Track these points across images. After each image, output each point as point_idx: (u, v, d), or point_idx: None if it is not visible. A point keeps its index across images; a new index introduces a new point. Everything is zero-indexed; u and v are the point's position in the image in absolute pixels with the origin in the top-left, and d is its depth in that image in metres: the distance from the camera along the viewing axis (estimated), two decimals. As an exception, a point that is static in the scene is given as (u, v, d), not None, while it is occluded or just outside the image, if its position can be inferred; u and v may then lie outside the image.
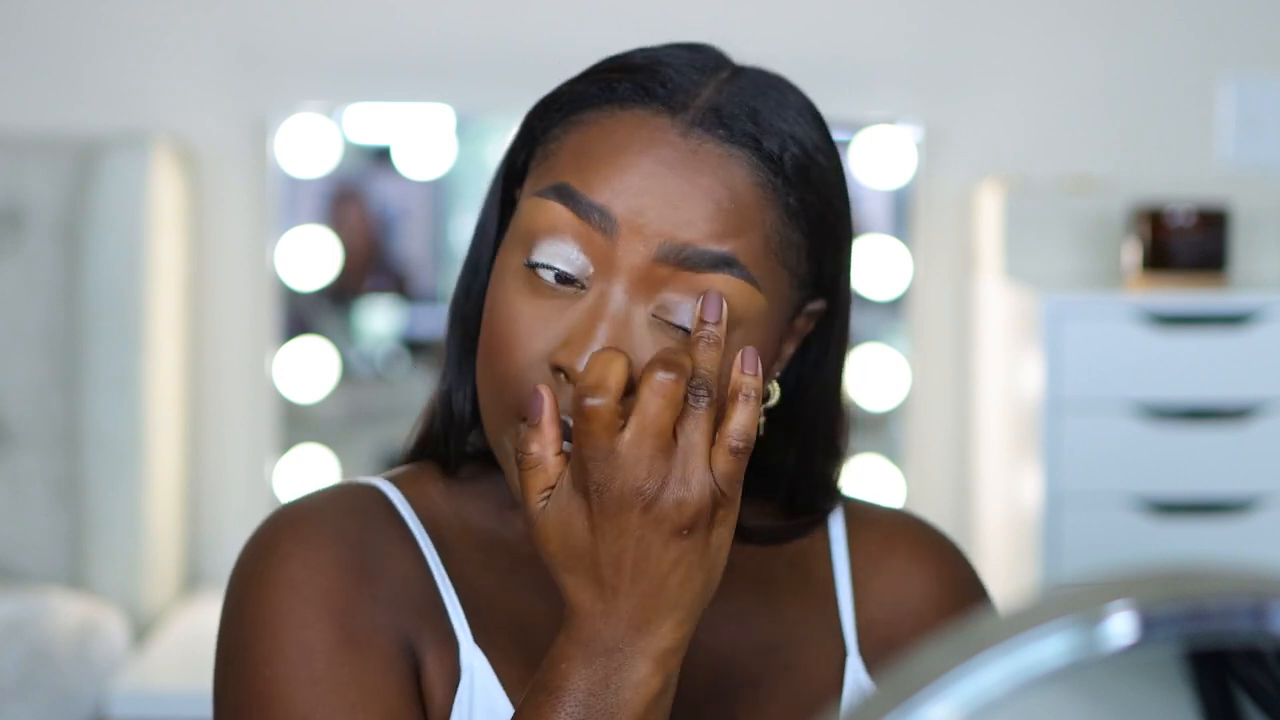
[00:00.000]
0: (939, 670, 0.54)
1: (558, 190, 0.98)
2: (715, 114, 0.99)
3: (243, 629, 1.01)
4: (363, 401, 2.66)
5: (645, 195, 0.97)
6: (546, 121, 1.03)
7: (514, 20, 2.64)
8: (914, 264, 2.64)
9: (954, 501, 2.68)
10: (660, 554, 0.91)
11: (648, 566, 0.91)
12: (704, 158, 0.98)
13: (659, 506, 0.91)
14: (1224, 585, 0.55)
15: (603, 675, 0.91)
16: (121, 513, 2.44)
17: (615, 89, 1.00)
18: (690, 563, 0.92)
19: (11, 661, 2.23)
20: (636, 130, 0.99)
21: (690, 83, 1.00)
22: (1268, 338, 2.30)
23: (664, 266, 0.97)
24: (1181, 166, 2.68)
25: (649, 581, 0.92)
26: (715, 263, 0.97)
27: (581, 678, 0.92)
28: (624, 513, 0.91)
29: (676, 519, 0.91)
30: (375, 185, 2.66)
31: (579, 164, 0.99)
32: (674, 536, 0.91)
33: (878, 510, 1.15)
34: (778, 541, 1.11)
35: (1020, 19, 2.67)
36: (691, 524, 0.91)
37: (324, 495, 1.06)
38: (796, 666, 1.07)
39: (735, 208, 0.98)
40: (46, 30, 2.61)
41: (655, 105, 0.99)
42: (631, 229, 0.97)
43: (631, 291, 0.97)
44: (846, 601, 1.10)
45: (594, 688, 0.91)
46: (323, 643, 0.99)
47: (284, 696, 0.98)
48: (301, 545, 1.01)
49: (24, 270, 2.46)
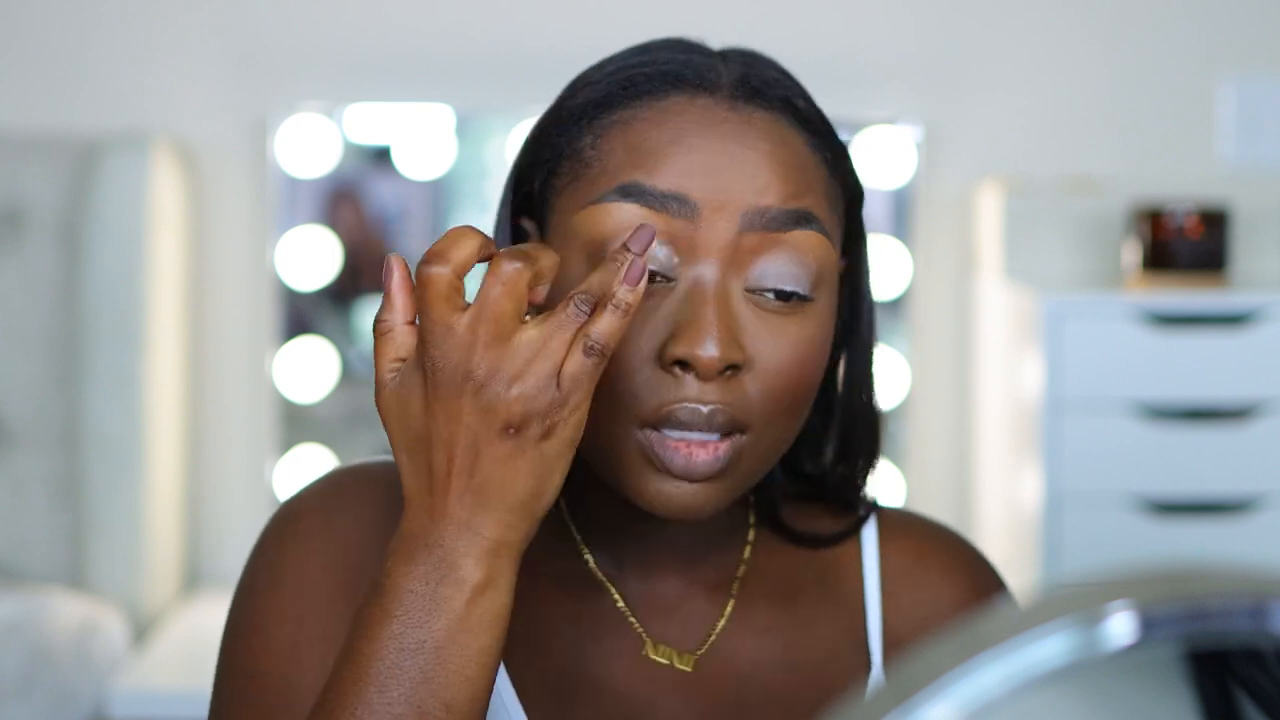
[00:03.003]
0: (939, 670, 0.54)
1: (624, 190, 0.97)
2: (747, 85, 1.00)
3: (252, 561, 1.04)
4: (363, 401, 2.66)
5: (718, 172, 0.97)
6: (565, 136, 1.02)
7: (514, 20, 2.64)
8: (914, 264, 2.64)
9: (954, 501, 2.68)
10: (489, 449, 0.89)
11: (478, 461, 0.89)
12: (757, 124, 0.99)
13: (486, 395, 0.88)
14: (1224, 585, 0.55)
15: (425, 572, 0.89)
16: (121, 513, 2.44)
17: (640, 84, 1.00)
18: (518, 465, 0.89)
19: (11, 661, 2.23)
20: (686, 113, 0.99)
21: (706, 64, 1.01)
22: (1268, 338, 2.30)
23: (750, 236, 0.97)
24: (1181, 166, 2.68)
25: (476, 476, 0.89)
26: (797, 219, 0.98)
27: (405, 575, 0.90)
28: (454, 396, 0.89)
29: (505, 414, 0.88)
30: (375, 185, 2.66)
31: (636, 160, 0.98)
32: (503, 432, 0.89)
33: (911, 521, 1.14)
34: (822, 546, 1.10)
35: (1020, 19, 2.67)
36: (520, 422, 0.88)
37: (354, 468, 1.07)
38: (821, 681, 1.06)
39: (799, 165, 0.99)
40: (46, 30, 2.61)
41: (690, 89, 1.00)
42: (713, 208, 0.97)
43: (724, 269, 0.97)
44: (875, 616, 1.09)
45: (416, 585, 0.89)
46: (321, 588, 1.00)
47: (269, 628, 1.00)
48: (327, 505, 1.04)
49: (24, 270, 2.46)
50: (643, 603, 1.05)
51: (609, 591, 1.05)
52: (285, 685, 0.99)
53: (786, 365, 0.98)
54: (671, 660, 1.04)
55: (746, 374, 0.97)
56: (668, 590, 1.06)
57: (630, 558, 1.06)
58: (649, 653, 1.04)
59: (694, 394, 0.95)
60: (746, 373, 0.97)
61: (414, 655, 0.88)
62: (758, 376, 0.97)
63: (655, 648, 1.04)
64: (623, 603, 1.05)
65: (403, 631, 0.89)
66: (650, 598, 1.06)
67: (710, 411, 0.96)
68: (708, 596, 1.06)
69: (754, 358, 0.97)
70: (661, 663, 1.04)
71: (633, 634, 1.04)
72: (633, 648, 1.04)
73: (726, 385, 0.96)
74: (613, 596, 1.05)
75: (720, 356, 0.95)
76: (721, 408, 0.96)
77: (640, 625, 1.05)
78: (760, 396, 0.97)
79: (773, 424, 0.98)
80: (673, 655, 1.04)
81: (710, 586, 1.07)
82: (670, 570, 1.06)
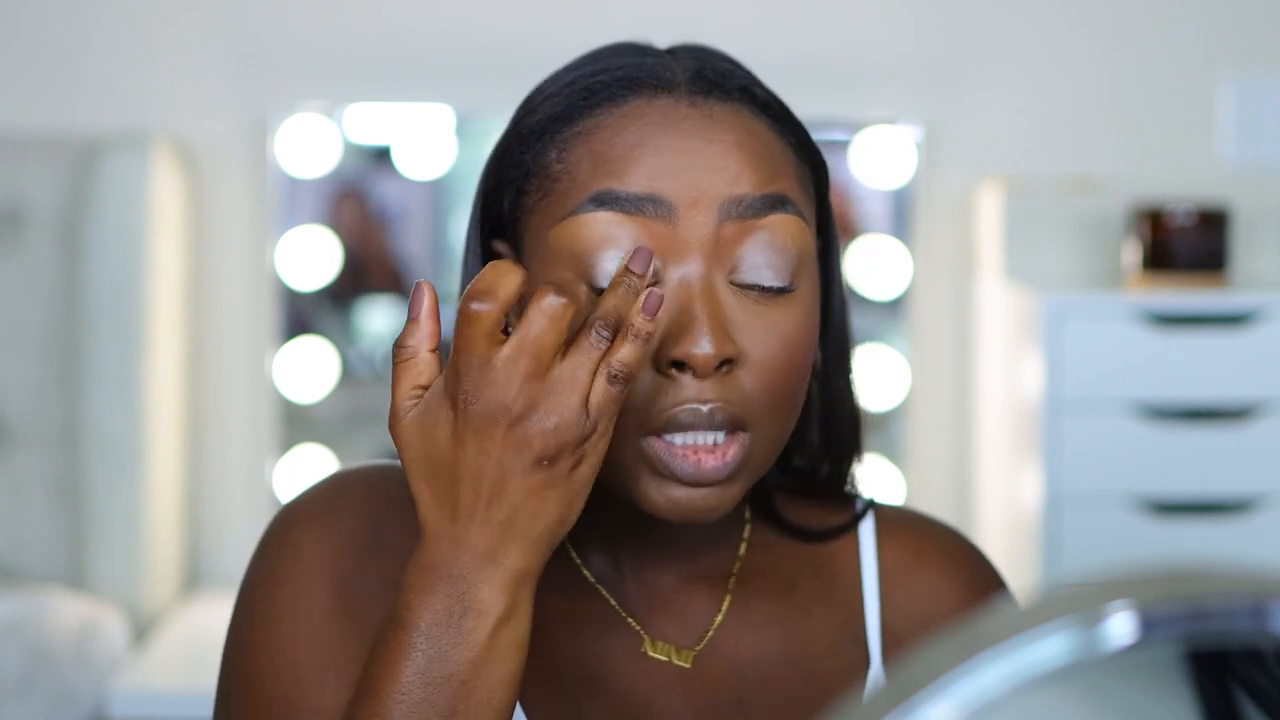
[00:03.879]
0: (939, 670, 0.54)
1: (597, 199, 0.97)
2: (703, 79, 1.01)
3: (248, 574, 1.04)
4: (363, 401, 2.66)
5: (688, 169, 0.98)
6: (530, 154, 1.01)
7: (514, 20, 2.64)
8: (914, 264, 2.64)
9: (954, 501, 2.68)
10: (519, 481, 0.89)
11: (505, 492, 0.89)
12: (719, 117, 0.99)
13: (522, 429, 0.89)
14: (1224, 585, 0.55)
15: (447, 604, 0.89)
16: (121, 513, 2.44)
17: (598, 92, 1.00)
18: (547, 495, 0.89)
19: (11, 661, 2.23)
20: (647, 116, 0.99)
21: (660, 64, 1.02)
22: (1268, 338, 2.30)
23: (728, 225, 0.97)
24: (1181, 166, 2.68)
25: (503, 508, 0.89)
26: (772, 204, 0.98)
27: (427, 607, 0.89)
28: (487, 429, 0.89)
29: (539, 446, 0.89)
30: (375, 185, 2.66)
31: (604, 168, 0.98)
32: (534, 465, 0.89)
33: (908, 517, 1.14)
34: (820, 539, 1.10)
35: (1020, 19, 2.67)
36: (554, 454, 0.89)
37: (353, 472, 1.07)
38: (819, 677, 1.06)
39: (767, 151, 1.00)
40: (46, 30, 2.61)
41: (648, 91, 1.00)
42: (688, 204, 0.97)
43: (708, 263, 0.97)
44: (873, 611, 1.09)
45: (438, 617, 0.89)
46: (316, 605, 1.00)
47: (268, 649, 1.00)
48: (322, 514, 1.03)
49: (24, 270, 2.46)
50: (641, 600, 1.05)
51: (603, 594, 1.05)
52: (285, 706, 0.99)
53: (779, 355, 0.98)
54: (670, 657, 1.04)
55: (740, 368, 0.97)
56: (665, 587, 1.06)
57: (628, 557, 1.06)
58: (647, 650, 1.04)
59: (693, 394, 0.96)
60: (740, 367, 0.97)
61: (440, 689, 0.89)
62: (752, 370, 0.97)
63: (653, 645, 1.04)
64: (619, 603, 1.05)
65: (427, 666, 0.89)
66: (648, 595, 1.06)
67: (710, 410, 0.96)
68: (705, 592, 1.07)
69: (746, 351, 0.97)
70: (660, 659, 1.04)
71: (631, 632, 1.04)
72: (631, 645, 1.04)
73: (723, 382, 0.96)
74: (607, 598, 1.05)
75: (715, 353, 0.95)
76: (721, 405, 0.96)
77: (638, 623, 1.05)
78: (757, 390, 0.97)
79: (772, 417, 0.98)
80: (671, 652, 1.04)
81: (708, 582, 1.07)
82: (668, 567, 1.06)
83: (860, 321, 2.62)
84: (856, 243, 2.64)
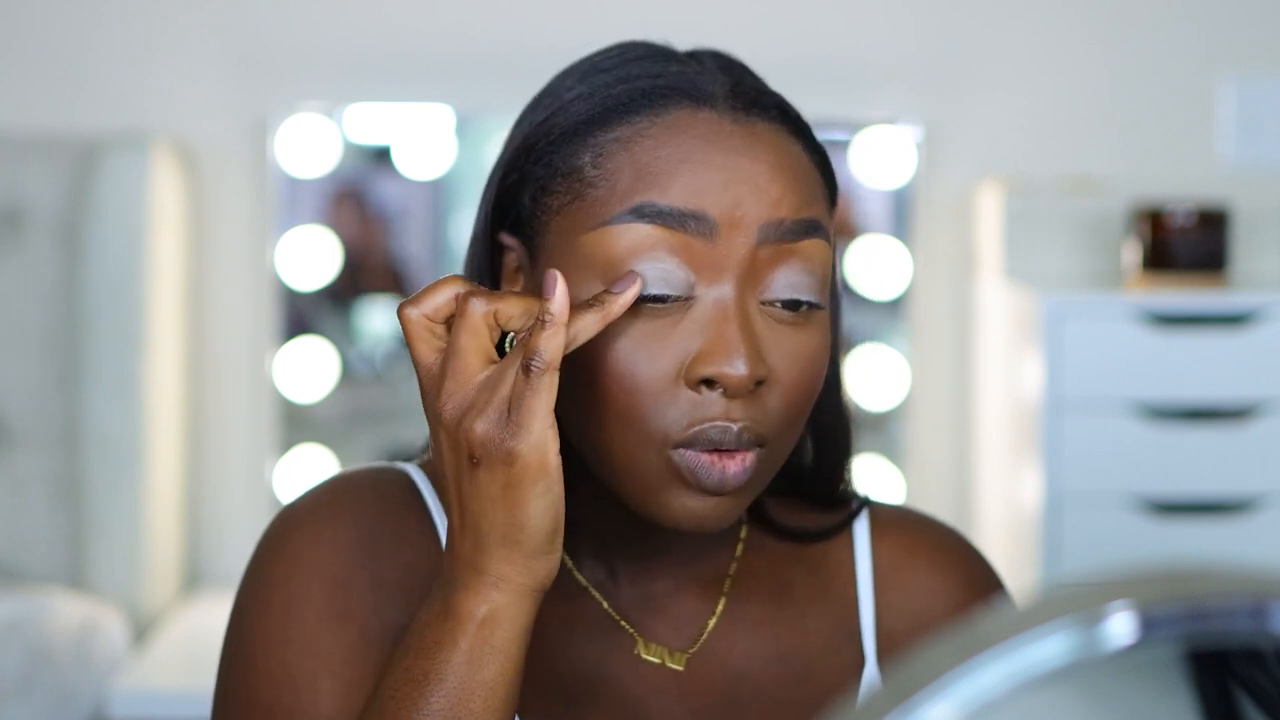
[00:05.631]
0: (939, 670, 0.54)
1: (638, 212, 0.96)
2: (742, 95, 1.00)
3: (245, 579, 1.05)
4: (363, 401, 2.66)
5: (732, 187, 0.97)
6: (559, 154, 1.00)
7: (514, 20, 2.64)
8: (914, 264, 2.64)
9: (954, 501, 2.68)
10: (466, 484, 0.92)
11: (461, 496, 0.92)
12: (761, 135, 0.99)
13: (453, 431, 0.92)
14: (1224, 585, 0.55)
15: (438, 609, 0.93)
16: (121, 513, 2.44)
17: (638, 99, 0.99)
18: (488, 496, 0.91)
19: (11, 661, 2.23)
20: (691, 129, 0.98)
21: (696, 74, 1.01)
22: (1268, 338, 2.30)
23: (765, 249, 0.97)
24: (1181, 166, 2.68)
25: (466, 513, 0.92)
26: (807, 229, 0.98)
27: (424, 610, 0.94)
28: (436, 435, 0.94)
29: (467, 447, 0.91)
30: (375, 185, 2.66)
31: (647, 180, 0.97)
32: (471, 466, 0.91)
33: (903, 516, 1.14)
34: (813, 540, 1.10)
35: (1020, 19, 2.67)
36: (481, 453, 0.90)
37: (352, 474, 1.07)
38: (813, 677, 1.06)
39: (803, 174, 1.00)
40: (46, 30, 2.61)
41: (689, 102, 0.99)
42: (730, 224, 0.96)
43: (741, 285, 0.97)
44: (868, 610, 1.09)
45: (431, 618, 0.93)
46: (310, 609, 1.01)
47: (264, 652, 1.00)
48: (317, 518, 1.04)
49: (24, 270, 2.46)
50: (634, 604, 1.06)
51: (596, 597, 1.05)
52: (280, 709, 0.99)
53: (803, 375, 0.98)
54: (663, 659, 1.04)
55: (767, 388, 0.97)
56: (659, 591, 1.06)
57: (622, 562, 1.06)
58: (641, 652, 1.04)
59: (721, 411, 0.96)
60: (767, 387, 0.97)
61: (426, 686, 0.92)
62: (777, 390, 0.97)
63: (647, 647, 1.04)
64: (612, 606, 1.05)
65: (413, 664, 0.92)
66: (642, 598, 1.06)
67: (739, 430, 0.96)
68: (700, 595, 1.07)
69: (774, 371, 0.97)
70: (653, 662, 1.04)
71: (624, 634, 1.04)
72: (625, 648, 1.04)
73: (750, 401, 0.96)
74: (600, 601, 1.05)
75: (750, 374, 0.95)
76: (748, 424, 0.96)
77: (632, 625, 1.05)
78: (780, 409, 0.97)
79: (788, 432, 0.99)
80: (664, 654, 1.04)
81: (702, 585, 1.07)
82: (663, 571, 1.06)
83: (860, 321, 2.62)
84: (857, 243, 2.64)
